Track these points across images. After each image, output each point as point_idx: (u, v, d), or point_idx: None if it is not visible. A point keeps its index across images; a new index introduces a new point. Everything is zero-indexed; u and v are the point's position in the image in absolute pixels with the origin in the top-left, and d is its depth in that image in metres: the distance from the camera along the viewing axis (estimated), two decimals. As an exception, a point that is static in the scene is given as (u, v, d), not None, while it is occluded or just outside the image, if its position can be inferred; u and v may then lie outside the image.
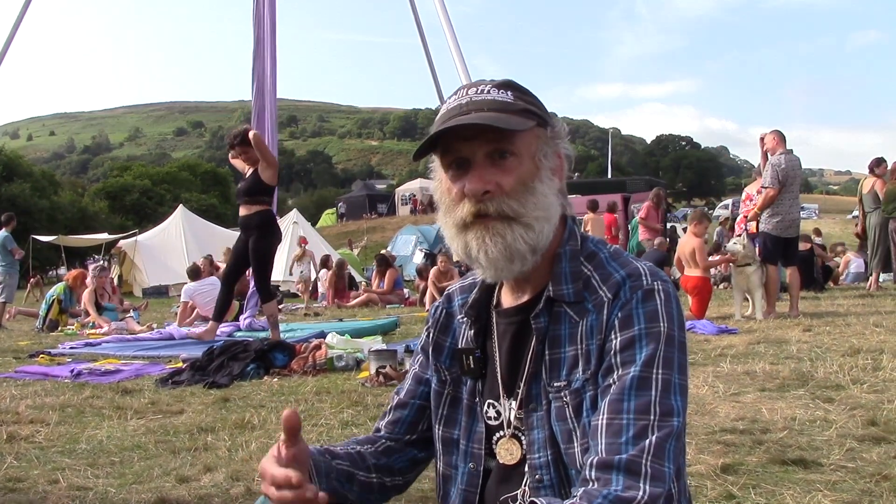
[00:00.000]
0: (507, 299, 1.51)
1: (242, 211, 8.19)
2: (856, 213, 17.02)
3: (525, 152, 1.39)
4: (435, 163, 1.47)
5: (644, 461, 1.22)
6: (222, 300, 8.72)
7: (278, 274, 20.43)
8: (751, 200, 10.97)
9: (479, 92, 1.41)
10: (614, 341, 1.33)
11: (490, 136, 1.36)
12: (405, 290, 16.72)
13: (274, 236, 8.40)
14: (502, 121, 1.34)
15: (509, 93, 1.41)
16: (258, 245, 8.09)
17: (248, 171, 8.19)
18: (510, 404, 1.46)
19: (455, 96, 1.43)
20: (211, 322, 8.89)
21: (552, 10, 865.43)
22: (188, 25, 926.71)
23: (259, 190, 8.06)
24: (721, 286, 14.47)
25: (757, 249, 9.45)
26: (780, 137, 9.32)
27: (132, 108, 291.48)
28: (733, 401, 4.47)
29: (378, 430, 1.65)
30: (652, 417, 1.26)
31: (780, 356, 6.00)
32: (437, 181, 1.47)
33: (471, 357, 1.51)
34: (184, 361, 6.97)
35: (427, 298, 14.00)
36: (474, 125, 1.35)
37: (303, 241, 19.30)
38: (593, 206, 17.45)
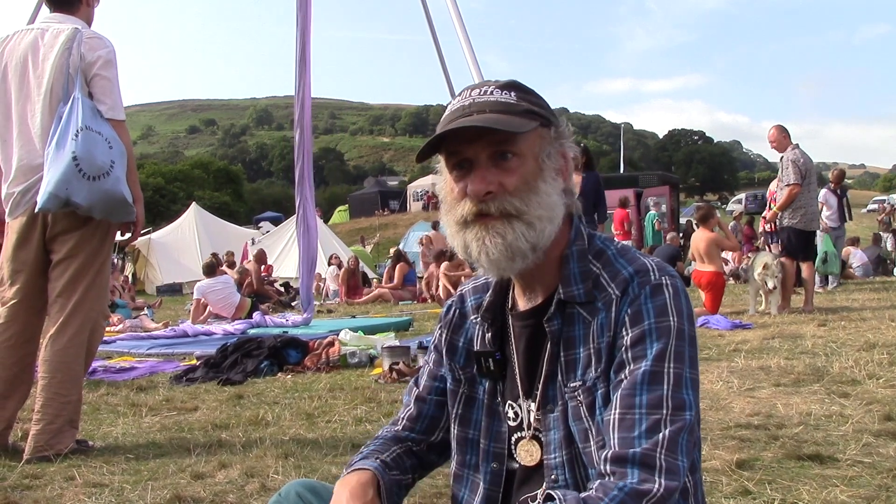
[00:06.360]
0: (521, 301, 1.52)
1: None
2: (871, 206, 16.91)
3: (528, 153, 1.39)
4: (440, 162, 1.47)
5: (658, 455, 1.24)
6: None
7: (290, 271, 20.53)
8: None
9: (482, 93, 1.41)
10: (625, 337, 1.34)
11: (492, 138, 1.36)
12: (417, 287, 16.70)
13: None
14: (502, 122, 1.35)
15: (513, 93, 1.41)
16: None
17: None
18: (528, 405, 1.47)
19: (459, 98, 1.43)
20: None
21: (562, 5, 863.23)
22: (200, 23, 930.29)
23: None
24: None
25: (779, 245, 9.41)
26: (785, 132, 9.23)
27: (144, 106, 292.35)
28: (748, 396, 4.45)
29: (396, 422, 1.67)
30: (664, 411, 1.27)
31: (795, 351, 5.97)
32: (443, 180, 1.47)
33: (490, 359, 1.51)
34: (198, 358, 7.00)
35: (441, 292, 13.95)
36: (476, 127, 1.35)
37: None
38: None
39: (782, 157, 9.14)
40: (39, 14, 5.46)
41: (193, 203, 29.17)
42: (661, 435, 1.25)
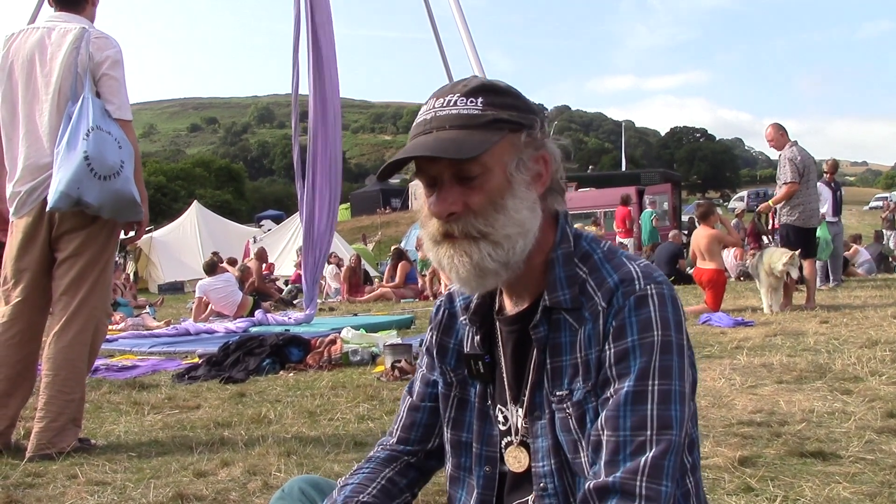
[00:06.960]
0: (508, 305, 1.48)
1: None
2: (874, 204, 16.95)
3: (495, 166, 1.32)
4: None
5: (638, 482, 1.22)
6: None
7: (292, 269, 20.55)
8: None
9: (445, 104, 1.33)
10: (608, 353, 1.31)
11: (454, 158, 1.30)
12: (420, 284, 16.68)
13: None
14: (458, 146, 1.28)
15: (479, 100, 1.32)
16: None
17: None
18: (517, 411, 1.44)
19: (425, 107, 1.37)
20: None
21: (564, 2, 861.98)
22: (201, 22, 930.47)
23: None
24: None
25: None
26: (783, 130, 9.28)
27: (146, 104, 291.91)
28: (750, 393, 4.45)
29: (391, 433, 1.64)
30: (648, 432, 1.25)
31: (798, 348, 5.97)
32: (421, 190, 1.43)
33: (480, 362, 1.48)
34: (200, 357, 7.00)
35: (443, 290, 13.95)
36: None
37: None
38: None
39: (780, 155, 9.16)
40: (41, 13, 5.46)
41: (195, 201, 29.23)
42: (644, 459, 1.23)
